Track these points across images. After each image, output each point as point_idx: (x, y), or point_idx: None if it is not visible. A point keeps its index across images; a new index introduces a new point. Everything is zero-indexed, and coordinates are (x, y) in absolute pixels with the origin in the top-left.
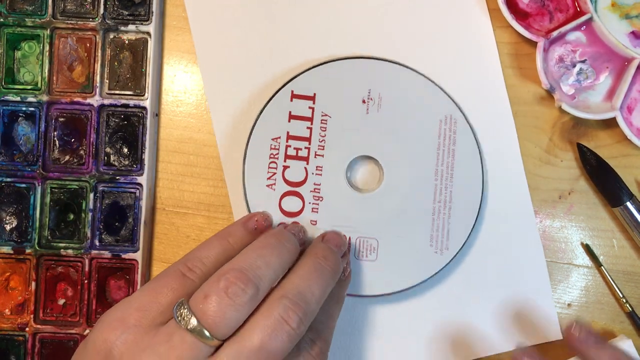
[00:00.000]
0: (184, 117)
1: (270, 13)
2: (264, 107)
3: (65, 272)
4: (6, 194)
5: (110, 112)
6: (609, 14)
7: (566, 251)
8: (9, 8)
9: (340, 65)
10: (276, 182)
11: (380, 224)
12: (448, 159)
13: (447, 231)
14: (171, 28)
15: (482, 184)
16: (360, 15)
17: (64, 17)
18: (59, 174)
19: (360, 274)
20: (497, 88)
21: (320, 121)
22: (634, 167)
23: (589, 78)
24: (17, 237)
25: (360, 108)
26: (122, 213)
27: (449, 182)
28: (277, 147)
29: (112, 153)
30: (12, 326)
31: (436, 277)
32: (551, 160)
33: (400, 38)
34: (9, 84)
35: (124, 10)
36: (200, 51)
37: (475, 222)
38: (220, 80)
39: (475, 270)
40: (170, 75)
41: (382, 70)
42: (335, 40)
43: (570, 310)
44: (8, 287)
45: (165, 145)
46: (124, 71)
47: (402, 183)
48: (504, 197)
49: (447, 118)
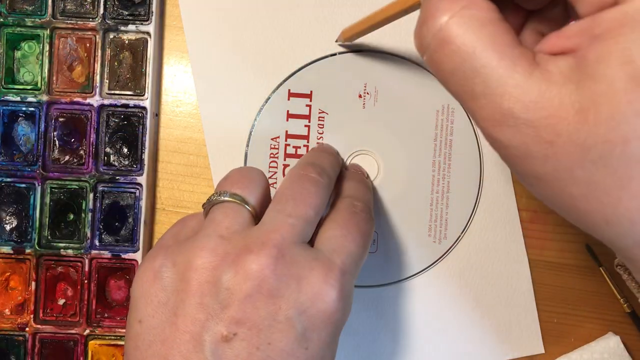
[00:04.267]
0: (184, 117)
1: (263, 13)
2: (262, 107)
3: (65, 272)
4: (6, 194)
5: (110, 112)
6: None
7: (566, 251)
8: (8, 8)
9: (335, 60)
10: (277, 181)
11: (379, 216)
12: (445, 149)
13: (445, 220)
14: (171, 28)
15: (480, 172)
16: (352, 11)
17: (64, 17)
18: (59, 174)
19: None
20: None
21: (318, 118)
22: None
23: None
24: (17, 237)
25: (356, 103)
26: (122, 213)
27: (446, 173)
28: (277, 146)
29: (112, 153)
30: (12, 326)
31: (435, 267)
32: None
33: (393, 30)
34: (8, 84)
35: (124, 10)
36: (193, 53)
37: (473, 211)
38: (213, 82)
39: (469, 260)
40: (170, 75)
41: (377, 62)
42: (329, 37)
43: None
44: (8, 287)
45: (165, 145)
46: (124, 71)
47: (400, 175)
48: (494, 190)
49: (444, 108)
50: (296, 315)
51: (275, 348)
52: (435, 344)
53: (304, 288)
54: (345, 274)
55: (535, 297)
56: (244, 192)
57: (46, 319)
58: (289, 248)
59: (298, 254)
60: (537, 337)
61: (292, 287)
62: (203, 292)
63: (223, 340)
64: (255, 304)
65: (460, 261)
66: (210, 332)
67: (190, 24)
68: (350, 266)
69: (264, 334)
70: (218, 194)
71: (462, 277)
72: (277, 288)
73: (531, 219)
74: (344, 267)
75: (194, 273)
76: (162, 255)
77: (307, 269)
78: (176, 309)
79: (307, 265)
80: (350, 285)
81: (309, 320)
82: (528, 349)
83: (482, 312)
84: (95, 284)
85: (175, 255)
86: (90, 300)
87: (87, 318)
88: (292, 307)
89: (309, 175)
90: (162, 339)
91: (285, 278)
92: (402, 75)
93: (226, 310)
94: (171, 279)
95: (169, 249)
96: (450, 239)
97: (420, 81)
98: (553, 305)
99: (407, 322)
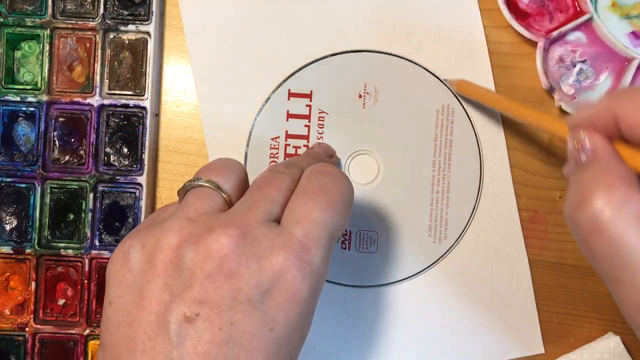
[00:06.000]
0: (184, 117)
1: (263, 13)
2: (262, 107)
3: (65, 272)
4: (6, 194)
5: (110, 112)
6: (609, 14)
7: (566, 251)
8: (9, 8)
9: (336, 60)
10: None
11: (379, 216)
12: (445, 149)
13: (445, 220)
14: (171, 28)
15: (480, 172)
16: (352, 11)
17: (64, 17)
18: (59, 174)
19: (361, 266)
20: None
21: (318, 118)
22: None
23: (589, 78)
24: (17, 237)
25: (356, 103)
26: (122, 213)
27: (446, 173)
28: (277, 146)
29: (112, 153)
30: (12, 326)
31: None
32: (551, 160)
33: (393, 30)
34: (8, 84)
35: (124, 10)
36: (193, 53)
37: (473, 211)
38: (213, 82)
39: (469, 259)
40: (170, 75)
41: (377, 63)
42: (329, 37)
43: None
44: (8, 287)
45: (165, 145)
46: (124, 71)
47: (400, 175)
48: (494, 190)
49: (444, 108)
50: (258, 295)
51: (238, 329)
52: (435, 344)
53: (265, 268)
54: (310, 249)
55: (535, 297)
56: (219, 179)
57: (46, 319)
58: (252, 228)
59: (261, 233)
60: (537, 337)
61: (252, 267)
62: (167, 272)
63: (186, 321)
64: (216, 283)
65: (460, 261)
66: (174, 313)
67: (190, 24)
68: (317, 237)
69: (226, 315)
70: (194, 180)
71: (462, 277)
72: (236, 268)
73: (531, 219)
74: (308, 241)
75: (159, 253)
76: (133, 238)
77: (268, 249)
78: (142, 290)
79: (269, 244)
80: (317, 259)
81: (272, 300)
82: (528, 349)
83: (482, 312)
84: (95, 284)
85: (145, 238)
86: (90, 300)
87: (87, 318)
88: (253, 288)
89: (277, 169)
90: (129, 320)
91: (245, 258)
92: (402, 75)
93: (188, 291)
94: (138, 260)
95: (141, 232)
96: (450, 239)
97: (420, 81)
98: (553, 305)
99: (407, 322)
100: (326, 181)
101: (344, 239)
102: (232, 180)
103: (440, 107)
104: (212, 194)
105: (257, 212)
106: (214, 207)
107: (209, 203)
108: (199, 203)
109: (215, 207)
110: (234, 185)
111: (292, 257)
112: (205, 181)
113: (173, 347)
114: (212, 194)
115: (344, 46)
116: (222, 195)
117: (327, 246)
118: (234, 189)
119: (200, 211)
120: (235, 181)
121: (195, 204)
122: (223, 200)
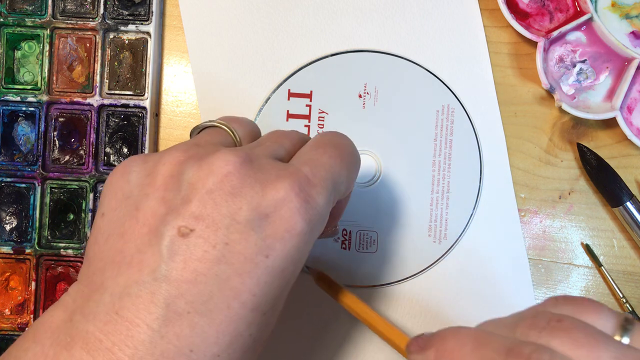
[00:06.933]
0: (184, 117)
1: (263, 13)
2: (262, 107)
3: (65, 272)
4: (6, 194)
5: (110, 112)
6: (609, 14)
7: (566, 251)
8: (9, 8)
9: (336, 60)
10: None
11: (379, 216)
12: (446, 149)
13: (445, 220)
14: (171, 28)
15: (480, 172)
16: (352, 11)
17: (64, 17)
18: (59, 174)
19: (361, 267)
20: (485, 75)
21: (318, 118)
22: (634, 167)
23: (589, 78)
24: (17, 237)
25: (356, 103)
26: None
27: (446, 173)
28: None
29: (112, 153)
30: (12, 326)
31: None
32: (551, 160)
33: (393, 31)
34: (8, 84)
35: (124, 10)
36: (193, 53)
37: (473, 211)
38: (213, 82)
39: (469, 259)
40: (170, 75)
41: (377, 63)
42: (330, 37)
43: None
44: (8, 287)
45: (165, 145)
46: (124, 71)
47: (400, 175)
48: (494, 190)
49: (444, 108)
50: (257, 219)
51: (232, 250)
52: None
53: (269, 193)
54: (315, 185)
55: (535, 298)
56: (234, 125)
57: None
58: (258, 157)
59: (267, 162)
60: None
61: (255, 189)
62: (167, 186)
63: (180, 235)
64: (216, 200)
65: (460, 261)
66: (169, 226)
67: (190, 24)
68: (323, 178)
69: (222, 233)
70: (209, 121)
71: (462, 277)
72: (240, 187)
73: (531, 219)
74: (314, 178)
75: (161, 167)
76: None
77: (273, 176)
78: (138, 203)
79: (275, 172)
80: (321, 198)
81: (271, 227)
82: None
83: (482, 312)
84: None
85: (148, 157)
86: None
87: None
88: (254, 210)
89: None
90: (121, 232)
91: (250, 180)
92: (402, 75)
93: (186, 205)
94: (138, 174)
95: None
96: (450, 239)
97: (420, 81)
98: None
99: (407, 322)
100: (338, 139)
101: (344, 239)
102: (246, 129)
103: (440, 107)
104: (224, 134)
105: (265, 148)
106: (224, 144)
107: (220, 139)
108: (209, 137)
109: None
110: (247, 133)
111: (297, 187)
112: (219, 123)
113: (162, 261)
114: (224, 134)
115: (344, 46)
116: (234, 138)
117: (330, 190)
118: (247, 136)
119: (210, 142)
120: (249, 131)
121: (205, 137)
122: (233, 143)
